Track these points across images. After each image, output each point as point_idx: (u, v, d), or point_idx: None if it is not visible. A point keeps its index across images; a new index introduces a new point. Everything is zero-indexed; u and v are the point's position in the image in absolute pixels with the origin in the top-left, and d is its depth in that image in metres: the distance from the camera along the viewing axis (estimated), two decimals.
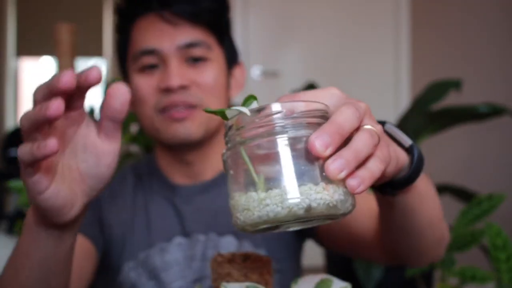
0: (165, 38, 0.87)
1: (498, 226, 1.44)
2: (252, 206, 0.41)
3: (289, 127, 0.40)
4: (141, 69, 0.88)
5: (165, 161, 0.95)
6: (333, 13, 3.22)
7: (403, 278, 1.77)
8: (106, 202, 0.93)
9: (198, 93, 0.87)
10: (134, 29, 0.91)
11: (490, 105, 1.76)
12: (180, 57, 0.87)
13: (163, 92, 0.86)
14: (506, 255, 1.42)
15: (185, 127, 0.87)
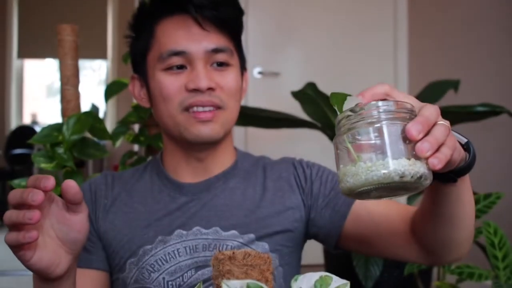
0: (195, 41, 0.91)
1: (495, 225, 1.45)
2: (361, 171, 0.55)
3: (390, 117, 0.56)
4: (168, 69, 0.92)
5: (173, 161, 0.98)
6: (332, 14, 3.24)
7: (402, 276, 1.79)
8: (104, 211, 0.96)
9: (222, 95, 0.91)
10: (159, 28, 0.93)
11: (487, 105, 1.78)
12: (207, 60, 0.91)
13: (190, 92, 0.90)
14: (503, 253, 1.44)
15: (209, 128, 0.91)
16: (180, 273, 0.90)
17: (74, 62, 1.38)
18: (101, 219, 0.96)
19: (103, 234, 0.95)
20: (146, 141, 1.59)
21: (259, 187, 0.98)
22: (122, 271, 0.93)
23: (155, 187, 0.98)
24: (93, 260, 0.95)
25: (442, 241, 0.83)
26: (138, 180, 1.00)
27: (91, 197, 0.98)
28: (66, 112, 1.37)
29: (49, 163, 1.31)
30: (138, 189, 0.99)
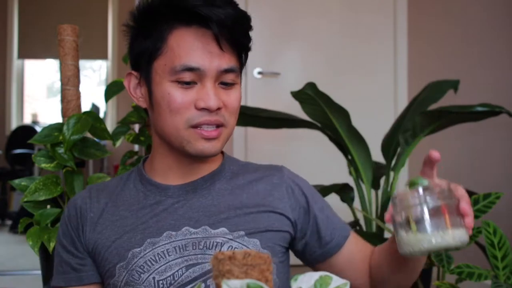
0: (210, 60, 0.90)
1: (494, 225, 1.45)
2: (426, 240, 0.75)
3: (447, 200, 0.80)
4: (178, 82, 0.91)
5: (163, 164, 0.99)
6: (332, 14, 3.24)
7: None
8: (92, 224, 0.97)
9: (226, 114, 0.93)
10: (173, 38, 0.91)
11: (487, 105, 1.78)
12: (216, 78, 0.92)
13: (199, 110, 0.90)
14: (503, 253, 1.44)
15: (212, 145, 0.93)
16: (170, 272, 0.91)
17: (75, 62, 1.38)
18: (89, 232, 0.96)
19: (92, 246, 0.96)
20: (146, 141, 1.60)
21: (248, 188, 0.99)
22: (112, 276, 0.93)
23: (140, 194, 0.99)
24: (83, 277, 0.97)
25: (390, 282, 0.99)
26: (123, 189, 1.01)
27: (76, 213, 0.98)
28: (67, 112, 1.37)
29: (49, 163, 1.31)
30: (123, 198, 0.99)
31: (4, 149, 5.39)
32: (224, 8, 0.89)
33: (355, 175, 2.02)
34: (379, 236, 1.83)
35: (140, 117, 1.61)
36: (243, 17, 0.93)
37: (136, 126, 1.76)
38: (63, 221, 1.00)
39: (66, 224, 0.99)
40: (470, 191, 1.95)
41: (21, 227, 1.29)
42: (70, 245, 0.98)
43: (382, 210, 1.99)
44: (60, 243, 0.99)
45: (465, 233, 0.77)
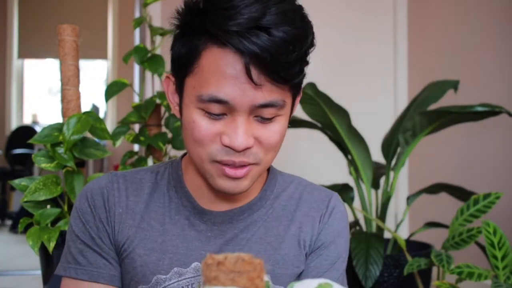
0: (242, 93, 0.74)
1: (494, 225, 1.46)
2: None
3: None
4: (205, 111, 0.77)
5: (194, 181, 0.88)
6: (332, 14, 3.24)
7: (402, 276, 1.79)
8: (120, 223, 0.87)
9: (259, 151, 0.80)
10: (205, 55, 0.76)
11: (487, 105, 1.78)
12: (250, 113, 0.77)
13: (224, 146, 0.78)
14: (503, 253, 1.44)
15: (237, 185, 0.81)
16: None
17: (75, 62, 1.38)
18: (118, 231, 0.86)
19: (119, 247, 0.86)
20: (146, 141, 1.60)
21: (285, 219, 0.90)
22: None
23: (172, 204, 0.88)
24: (116, 278, 0.87)
25: None
26: (155, 189, 0.89)
27: (104, 205, 0.87)
28: (67, 112, 1.37)
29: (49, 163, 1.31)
30: (155, 202, 0.88)
31: (4, 149, 5.39)
32: (267, 33, 0.72)
33: (355, 175, 2.02)
34: (379, 236, 1.83)
35: (140, 117, 1.61)
36: (292, 41, 0.73)
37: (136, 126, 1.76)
38: (85, 209, 0.87)
39: (92, 214, 0.86)
40: (470, 191, 1.96)
41: (21, 227, 1.29)
42: (97, 237, 0.86)
43: (382, 210, 2.00)
44: (84, 231, 0.87)
45: None
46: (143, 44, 1.65)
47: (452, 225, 1.68)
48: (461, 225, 1.66)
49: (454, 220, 1.68)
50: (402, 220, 1.99)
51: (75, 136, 1.29)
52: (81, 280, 0.86)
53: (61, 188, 1.32)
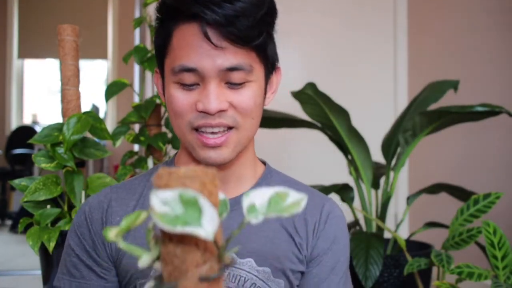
0: (207, 59, 0.82)
1: (494, 224, 1.45)
2: None
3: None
4: (180, 84, 0.84)
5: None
6: (332, 14, 3.24)
7: (402, 276, 1.79)
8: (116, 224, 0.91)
9: (234, 115, 0.84)
10: (175, 34, 0.85)
11: (487, 105, 1.78)
12: (221, 79, 0.83)
13: (200, 112, 0.83)
14: (503, 253, 1.44)
15: (218, 153, 0.85)
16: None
17: (75, 62, 1.38)
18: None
19: (117, 253, 0.89)
20: (146, 141, 1.60)
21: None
22: (130, 284, 0.89)
23: None
24: (107, 287, 0.90)
25: None
26: (149, 187, 0.93)
27: (102, 217, 0.90)
28: (67, 112, 1.37)
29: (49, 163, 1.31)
30: (149, 199, 0.92)
31: (4, 149, 5.39)
32: (222, 2, 0.80)
33: (355, 175, 2.02)
34: (379, 236, 1.83)
35: (140, 117, 1.61)
36: (247, 9, 0.82)
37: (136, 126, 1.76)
38: (81, 222, 0.91)
39: (88, 227, 0.90)
40: (470, 191, 1.96)
41: (21, 227, 1.29)
42: (92, 250, 0.90)
43: (382, 210, 2.00)
44: (80, 244, 0.91)
45: None
46: (143, 44, 1.65)
47: (452, 225, 1.68)
48: (461, 225, 1.66)
49: (454, 220, 1.68)
50: (402, 220, 1.99)
51: (75, 136, 1.29)
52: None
53: (61, 188, 1.32)
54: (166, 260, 0.43)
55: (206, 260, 0.43)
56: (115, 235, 0.45)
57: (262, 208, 0.45)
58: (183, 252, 0.42)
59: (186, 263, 0.42)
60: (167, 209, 0.40)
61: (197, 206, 0.40)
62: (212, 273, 0.42)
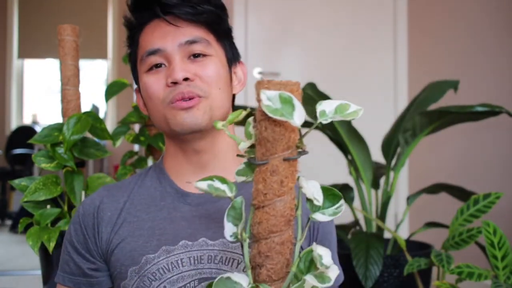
0: (168, 38, 0.94)
1: (494, 225, 1.45)
2: None
3: None
4: (149, 69, 0.95)
5: (175, 163, 0.98)
6: (332, 14, 3.24)
7: (402, 276, 1.79)
8: (110, 224, 0.95)
9: (202, 85, 0.93)
10: (141, 36, 0.98)
11: (487, 105, 1.78)
12: (183, 54, 0.94)
13: (170, 86, 0.93)
14: (503, 253, 1.44)
15: (191, 115, 0.92)
16: (182, 283, 0.89)
17: (75, 62, 1.38)
18: (105, 233, 0.94)
19: (107, 246, 0.94)
20: (146, 141, 1.60)
21: None
22: (123, 278, 0.92)
23: (157, 193, 0.97)
24: (94, 283, 0.96)
25: None
26: (140, 186, 0.99)
27: (93, 212, 0.96)
28: (67, 112, 1.37)
29: (49, 163, 1.31)
30: (140, 196, 0.97)
31: (4, 149, 5.39)
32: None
33: (355, 175, 2.02)
34: (379, 236, 1.83)
35: (140, 117, 1.61)
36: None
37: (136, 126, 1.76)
38: (76, 220, 0.97)
39: (80, 224, 0.96)
40: (470, 191, 1.96)
41: (21, 227, 1.29)
42: (83, 247, 0.96)
43: (382, 210, 2.00)
44: (71, 243, 0.97)
45: None
46: None
47: (452, 225, 1.68)
48: (461, 225, 1.66)
49: (454, 220, 1.68)
50: (402, 220, 1.99)
51: (75, 136, 1.29)
52: (67, 287, 0.98)
53: (61, 188, 1.32)
54: (261, 144, 0.60)
55: (289, 147, 0.60)
56: (221, 125, 0.65)
57: (330, 113, 0.62)
58: (273, 139, 0.59)
59: (275, 147, 0.59)
60: (270, 103, 0.58)
61: (291, 103, 0.59)
62: (292, 156, 0.59)
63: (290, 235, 0.61)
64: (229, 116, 0.66)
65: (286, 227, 0.60)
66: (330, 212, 0.64)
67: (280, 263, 0.60)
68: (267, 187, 0.60)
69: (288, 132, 0.60)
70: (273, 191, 0.60)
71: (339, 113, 0.61)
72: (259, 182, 0.60)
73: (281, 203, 0.60)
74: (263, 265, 0.60)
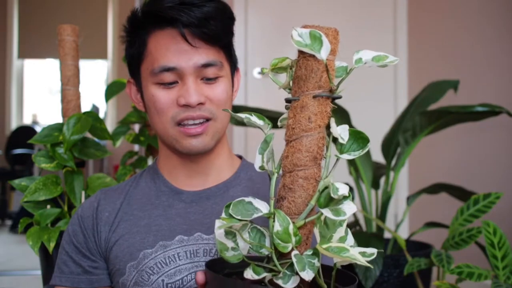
0: (185, 58, 0.93)
1: (494, 225, 1.46)
2: None
3: None
4: (160, 84, 0.94)
5: (169, 165, 1.01)
6: (332, 14, 3.24)
7: (402, 276, 1.79)
8: (107, 224, 0.98)
9: (211, 108, 0.94)
10: (151, 41, 0.96)
11: (487, 105, 1.78)
12: (196, 75, 0.94)
13: (181, 107, 0.93)
14: (503, 253, 1.44)
15: (200, 141, 0.94)
16: (179, 276, 0.92)
17: (75, 62, 1.38)
18: (104, 232, 0.97)
19: (107, 245, 0.97)
20: (146, 141, 1.60)
21: (263, 194, 0.99)
22: (122, 274, 0.94)
23: (152, 192, 1.00)
24: (94, 280, 0.98)
25: None
26: (135, 187, 1.02)
27: (92, 214, 0.99)
28: (67, 112, 1.37)
29: (49, 163, 1.31)
30: (136, 196, 1.00)
31: (4, 149, 5.39)
32: (192, 7, 0.92)
33: (355, 175, 2.02)
34: (379, 236, 1.83)
35: (140, 117, 1.61)
36: (214, 13, 0.94)
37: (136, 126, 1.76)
38: (74, 221, 1.00)
39: (80, 225, 0.99)
40: (470, 191, 1.96)
41: (21, 227, 1.29)
42: (83, 246, 0.98)
43: (382, 210, 2.00)
44: (70, 244, 0.99)
45: None
46: None
47: (452, 225, 1.68)
48: (461, 225, 1.66)
49: (454, 220, 1.68)
50: (402, 220, 1.99)
51: (75, 136, 1.29)
52: (65, 287, 0.98)
53: (61, 188, 1.32)
54: (295, 83, 0.64)
55: (320, 86, 0.63)
56: (266, 71, 0.70)
57: (367, 60, 0.65)
58: (305, 77, 0.63)
59: (306, 85, 0.63)
60: (300, 39, 0.62)
61: (320, 40, 0.62)
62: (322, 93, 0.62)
63: (315, 172, 0.63)
64: (274, 60, 0.68)
65: (312, 164, 0.63)
66: (356, 153, 0.66)
67: (302, 197, 0.63)
68: (296, 122, 0.63)
69: (320, 71, 0.63)
70: (301, 126, 0.63)
71: (376, 61, 0.64)
72: (290, 117, 0.64)
73: (308, 138, 0.63)
74: (285, 198, 0.63)
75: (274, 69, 0.69)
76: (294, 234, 0.61)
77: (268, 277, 0.61)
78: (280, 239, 0.60)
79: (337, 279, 0.66)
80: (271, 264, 0.62)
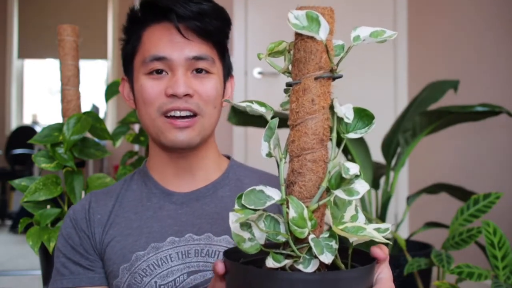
0: (176, 49, 0.94)
1: (494, 225, 1.46)
2: None
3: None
4: (149, 73, 0.95)
5: (159, 165, 1.01)
6: None
7: (402, 276, 1.79)
8: (100, 226, 0.98)
9: (199, 102, 0.94)
10: (145, 34, 0.97)
11: (487, 105, 1.78)
12: (187, 67, 0.94)
13: (168, 97, 0.93)
14: (503, 253, 1.44)
15: (185, 134, 0.94)
16: (172, 277, 0.92)
17: (75, 62, 1.38)
18: (98, 234, 0.97)
19: (101, 247, 0.97)
20: (146, 141, 1.59)
21: None
22: (115, 277, 0.95)
23: (143, 194, 1.00)
24: (96, 278, 0.98)
25: None
26: (127, 190, 1.02)
27: (85, 216, 0.99)
28: (67, 112, 1.37)
29: (49, 163, 1.31)
30: (127, 199, 1.01)
31: (4, 149, 5.39)
32: (190, 2, 0.94)
33: None
34: None
35: None
36: (210, 11, 0.95)
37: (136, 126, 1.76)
38: (67, 225, 1.00)
39: (74, 227, 0.99)
40: (470, 191, 1.96)
41: (21, 227, 1.29)
42: (79, 247, 0.98)
43: (382, 210, 2.00)
44: (66, 245, 0.99)
45: None
46: None
47: (452, 225, 1.68)
48: (461, 225, 1.66)
49: (454, 220, 1.68)
50: (402, 220, 1.99)
51: (75, 136, 1.29)
52: (79, 287, 0.97)
53: (61, 188, 1.32)
54: (295, 66, 0.64)
55: (321, 67, 0.62)
56: (263, 56, 0.71)
57: (364, 37, 0.63)
58: (305, 59, 0.63)
59: (307, 68, 0.63)
60: (297, 21, 0.61)
61: (318, 21, 0.61)
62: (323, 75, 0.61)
63: (323, 154, 0.63)
64: (270, 45, 0.69)
65: (319, 146, 0.62)
66: (362, 131, 0.65)
67: (312, 180, 0.62)
68: (299, 106, 0.63)
69: (320, 52, 0.62)
70: (305, 109, 0.63)
71: (374, 37, 0.63)
72: (292, 101, 0.64)
73: (313, 121, 0.63)
74: (295, 182, 0.62)
75: (271, 54, 0.69)
76: (309, 219, 0.60)
77: (288, 264, 0.60)
78: (296, 225, 0.59)
79: (353, 258, 0.65)
80: (288, 249, 0.61)
